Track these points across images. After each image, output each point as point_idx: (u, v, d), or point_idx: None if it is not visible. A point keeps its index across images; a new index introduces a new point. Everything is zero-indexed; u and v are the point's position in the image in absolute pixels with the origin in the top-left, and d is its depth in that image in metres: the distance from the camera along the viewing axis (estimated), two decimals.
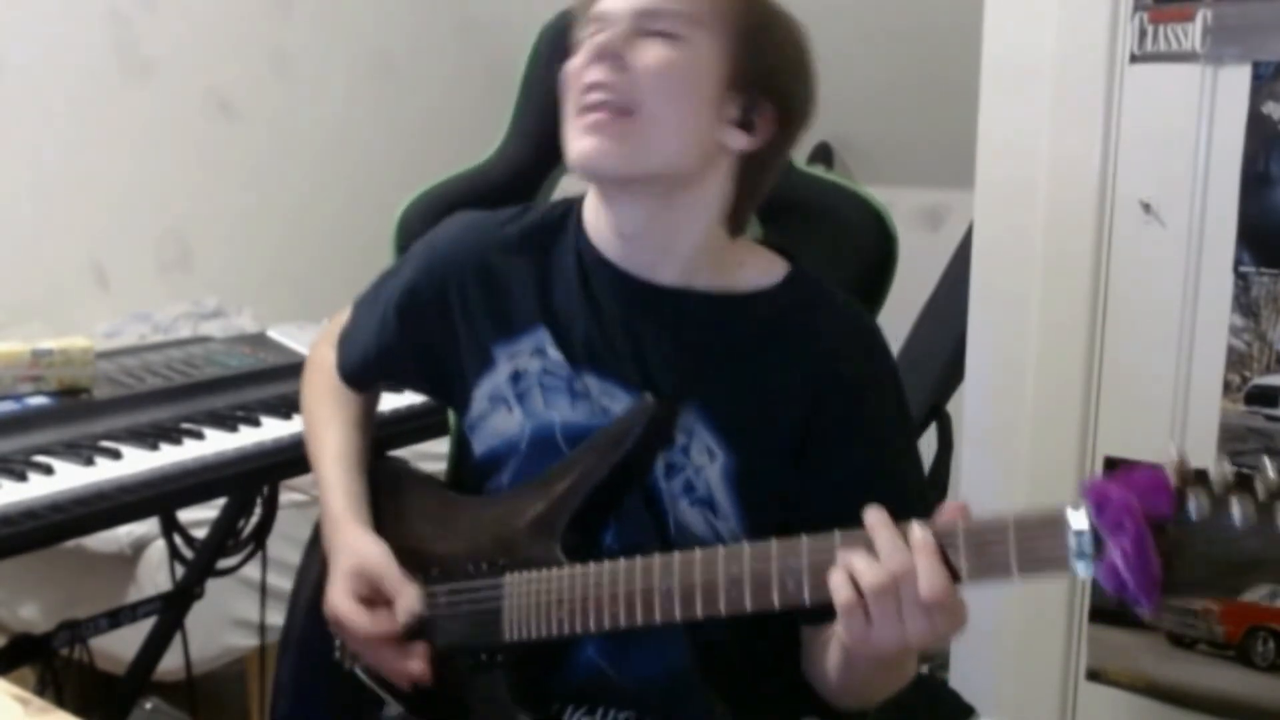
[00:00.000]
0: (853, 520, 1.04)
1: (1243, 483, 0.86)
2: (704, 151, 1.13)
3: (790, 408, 1.14)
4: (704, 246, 1.17)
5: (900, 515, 0.96)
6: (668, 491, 1.15)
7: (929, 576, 0.92)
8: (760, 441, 1.15)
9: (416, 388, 1.44)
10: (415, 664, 1.19)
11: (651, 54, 1.10)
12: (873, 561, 0.94)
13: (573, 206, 1.25)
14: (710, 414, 1.15)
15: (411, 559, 1.23)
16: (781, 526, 1.12)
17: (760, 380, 1.15)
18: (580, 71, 1.12)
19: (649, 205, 1.15)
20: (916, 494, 1.18)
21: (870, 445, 1.15)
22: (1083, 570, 0.89)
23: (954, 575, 0.93)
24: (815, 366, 1.15)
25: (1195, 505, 0.86)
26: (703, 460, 1.15)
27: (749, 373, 1.15)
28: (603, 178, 1.15)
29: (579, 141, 1.12)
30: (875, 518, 0.96)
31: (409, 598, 1.19)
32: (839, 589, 0.95)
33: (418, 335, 1.29)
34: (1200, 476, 0.87)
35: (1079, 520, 0.89)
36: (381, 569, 1.21)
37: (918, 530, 0.94)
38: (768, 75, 1.14)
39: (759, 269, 1.20)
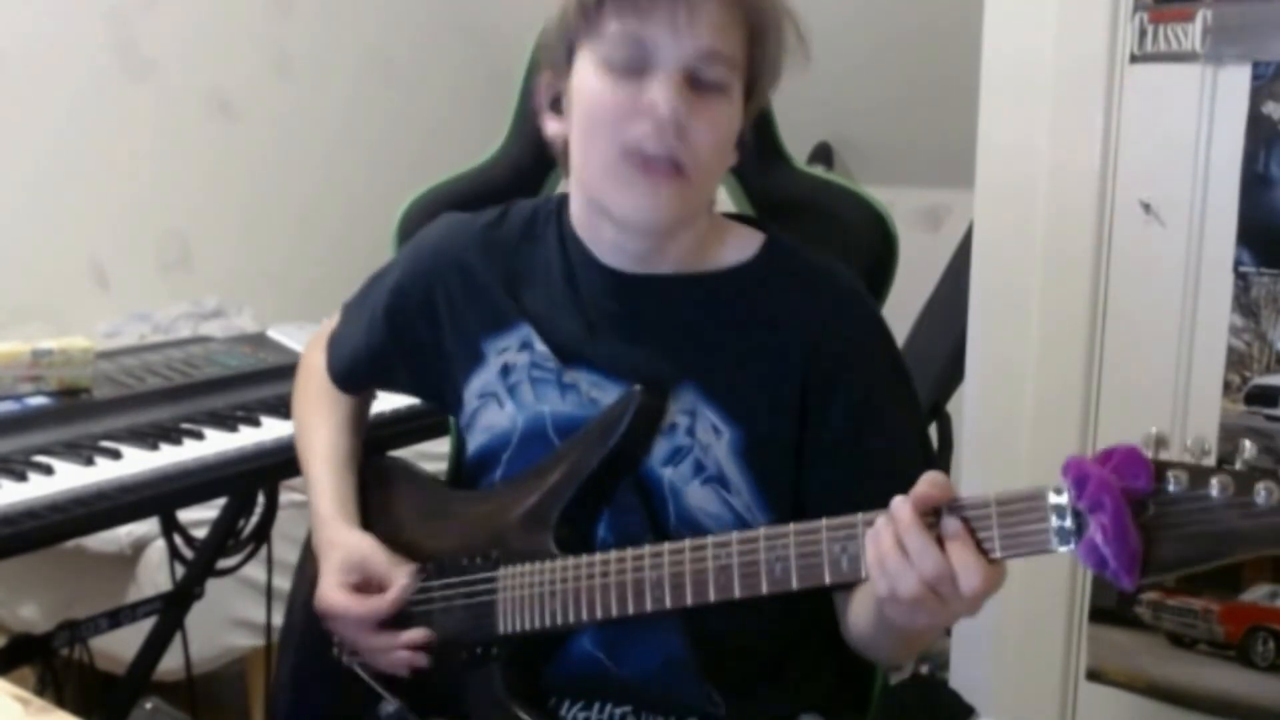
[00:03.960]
0: (853, 474, 1.10)
1: (1222, 460, 0.87)
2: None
3: (786, 373, 1.15)
4: (694, 235, 1.19)
5: (896, 468, 0.97)
6: (670, 479, 1.16)
7: (967, 574, 0.91)
8: (762, 412, 1.15)
9: (406, 390, 1.43)
10: (409, 647, 1.19)
11: (709, 117, 1.09)
12: (906, 567, 0.93)
13: (553, 204, 1.26)
14: (709, 392, 1.16)
15: (405, 554, 1.24)
16: (795, 494, 1.14)
17: (753, 352, 1.16)
18: (629, 122, 1.08)
19: (671, 233, 1.17)
20: (913, 445, 1.19)
21: (863, 398, 1.16)
22: (1063, 548, 0.90)
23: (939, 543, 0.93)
24: (803, 329, 1.16)
25: (1174, 480, 0.87)
26: (709, 439, 1.15)
27: (741, 346, 1.17)
28: (653, 233, 1.16)
29: (633, 197, 1.11)
30: (900, 509, 0.94)
31: (399, 574, 1.20)
32: (879, 586, 0.95)
33: (405, 337, 1.30)
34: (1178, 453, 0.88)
35: (1059, 499, 0.90)
36: (368, 555, 1.22)
37: (951, 523, 0.93)
38: (764, 77, 1.16)
39: (735, 243, 1.22)
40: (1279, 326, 1.73)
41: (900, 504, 0.95)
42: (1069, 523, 0.89)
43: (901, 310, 1.76)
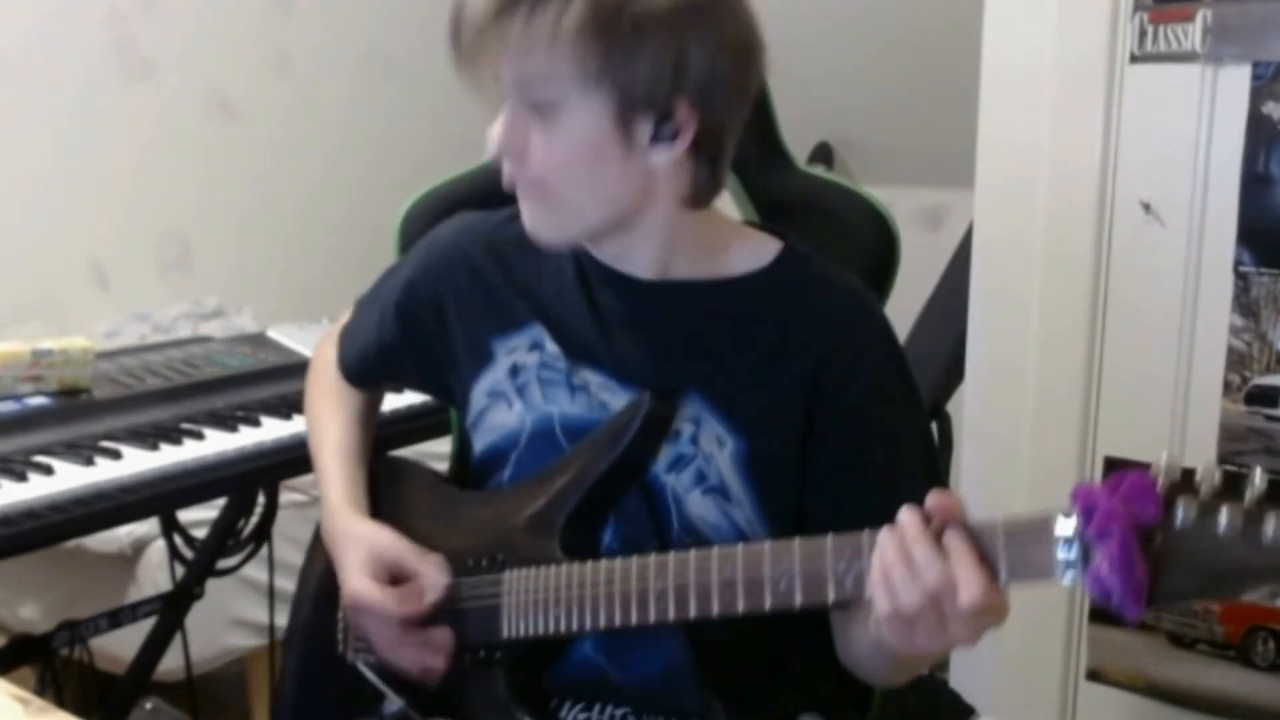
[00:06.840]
0: (856, 493, 1.09)
1: (1231, 488, 0.85)
2: (636, 186, 1.11)
3: (792, 386, 1.13)
4: (674, 240, 1.16)
5: (900, 488, 0.96)
6: (672, 486, 1.15)
7: (969, 586, 0.90)
8: (767, 424, 1.14)
9: (416, 386, 1.44)
10: (436, 651, 1.18)
11: (535, 142, 1.09)
12: (910, 577, 0.92)
13: None
14: (715, 401, 1.14)
15: None
16: (797, 507, 1.13)
17: (760, 362, 1.15)
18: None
19: (606, 236, 1.16)
20: (917, 465, 1.17)
21: (869, 414, 1.14)
22: (1069, 579, 0.88)
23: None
24: (813, 342, 1.14)
25: (1182, 513, 0.85)
26: (712, 448, 1.14)
27: (748, 355, 1.15)
28: (551, 247, 1.18)
29: (523, 215, 1.16)
30: (909, 519, 0.93)
31: (434, 565, 1.19)
32: (879, 600, 0.93)
33: (415, 333, 1.29)
34: (1188, 481, 0.86)
35: (1066, 527, 0.88)
36: (396, 549, 1.21)
37: (955, 537, 0.91)
38: (670, 81, 1.05)
39: (749, 250, 1.19)
40: (1279, 326, 1.73)
41: (908, 513, 0.94)
42: (1075, 550, 0.88)
43: (901, 310, 1.76)
